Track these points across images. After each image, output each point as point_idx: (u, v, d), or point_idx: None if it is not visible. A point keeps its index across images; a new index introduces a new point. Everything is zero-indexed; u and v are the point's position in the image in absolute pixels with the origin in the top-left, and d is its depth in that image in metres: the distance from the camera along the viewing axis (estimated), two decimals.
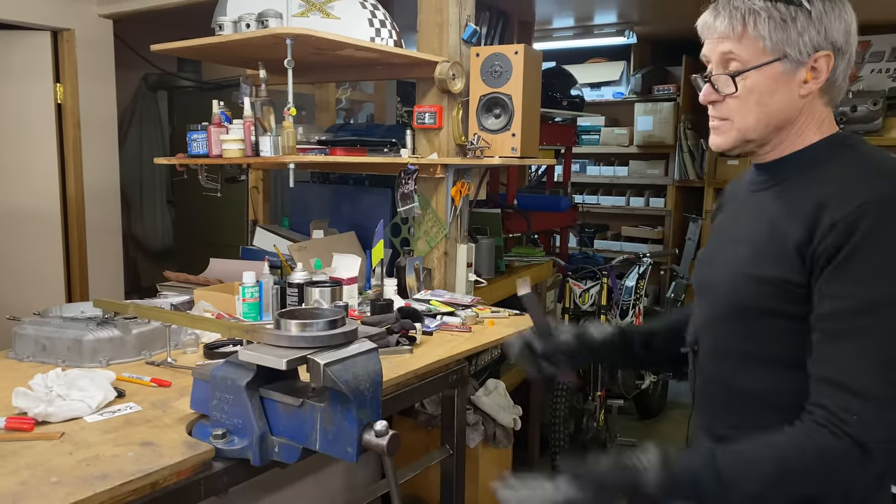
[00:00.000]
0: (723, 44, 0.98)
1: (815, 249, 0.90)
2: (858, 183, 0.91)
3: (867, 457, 0.84)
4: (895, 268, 0.86)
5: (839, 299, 0.89)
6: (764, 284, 0.96)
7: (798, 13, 0.94)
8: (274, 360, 1.11)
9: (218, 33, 2.04)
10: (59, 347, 1.65)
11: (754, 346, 0.99)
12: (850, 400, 0.86)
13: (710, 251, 1.14)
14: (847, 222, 0.88)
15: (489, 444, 2.40)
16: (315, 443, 1.17)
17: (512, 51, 2.32)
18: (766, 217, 1.00)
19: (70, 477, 1.08)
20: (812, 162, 0.99)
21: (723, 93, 1.00)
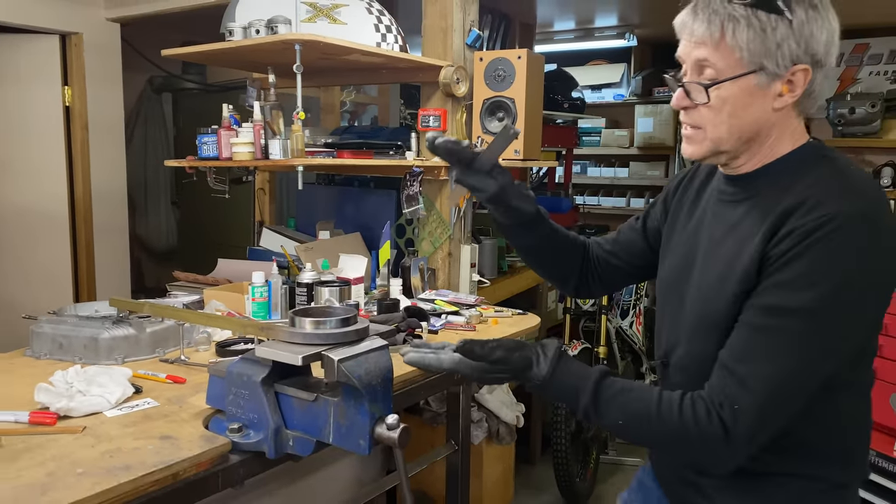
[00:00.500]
0: (699, 49, 0.94)
1: (769, 252, 0.91)
2: (826, 196, 0.89)
3: (726, 443, 0.89)
4: (828, 282, 0.86)
5: (766, 295, 0.90)
6: (730, 302, 0.95)
7: (779, 23, 0.90)
8: (290, 356, 1.15)
9: (228, 39, 2.09)
10: (75, 345, 1.70)
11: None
12: (735, 389, 0.89)
13: (678, 257, 1.12)
14: (804, 230, 0.87)
15: (493, 440, 2.45)
16: (328, 436, 1.21)
17: (515, 55, 2.37)
18: (738, 230, 0.99)
19: (95, 468, 1.12)
20: (784, 172, 0.97)
21: (695, 101, 0.97)
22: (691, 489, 1.08)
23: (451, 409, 1.96)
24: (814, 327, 0.88)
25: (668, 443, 0.96)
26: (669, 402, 0.94)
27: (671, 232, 1.17)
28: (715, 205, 1.07)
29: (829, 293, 0.87)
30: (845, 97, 4.33)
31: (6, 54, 3.33)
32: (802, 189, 0.92)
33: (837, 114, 4.31)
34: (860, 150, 4.50)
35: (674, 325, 1.09)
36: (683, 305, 1.06)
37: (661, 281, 1.16)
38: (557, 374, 0.97)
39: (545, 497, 3.04)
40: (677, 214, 1.16)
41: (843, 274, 0.87)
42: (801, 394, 0.91)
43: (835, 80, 4.57)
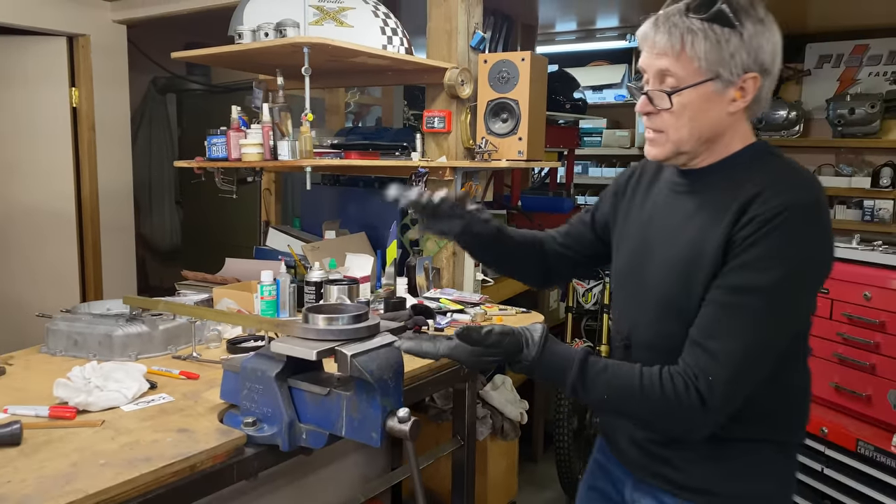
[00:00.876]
0: (661, 60, 1.03)
1: (734, 237, 1.01)
2: (782, 187, 1.00)
3: (703, 412, 1.00)
4: (785, 264, 0.97)
5: (730, 276, 1.00)
6: (699, 285, 1.04)
7: (731, 35, 0.99)
8: (305, 352, 1.19)
9: (237, 41, 2.12)
10: (90, 342, 1.73)
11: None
12: (708, 363, 0.99)
13: (634, 246, 1.20)
14: (765, 217, 0.98)
15: (497, 436, 2.48)
16: (341, 429, 1.25)
17: (519, 57, 2.41)
18: (698, 220, 1.08)
19: (116, 459, 1.16)
20: (737, 167, 1.08)
21: (658, 107, 1.05)
22: (658, 462, 1.16)
23: (456, 406, 2.00)
24: (773, 304, 0.99)
25: (650, 415, 1.05)
26: (650, 377, 1.03)
27: (625, 223, 1.25)
28: (668, 196, 1.17)
29: (785, 274, 0.98)
30: (845, 98, 4.37)
31: (15, 56, 3.37)
32: (758, 181, 1.02)
33: (837, 114, 4.35)
34: (860, 151, 4.53)
35: (634, 308, 1.18)
36: (644, 289, 1.15)
37: (617, 269, 1.25)
38: (546, 355, 1.05)
39: (548, 493, 3.07)
40: (630, 207, 1.25)
41: (796, 257, 0.99)
42: (765, 364, 1.02)
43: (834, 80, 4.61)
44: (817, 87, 4.64)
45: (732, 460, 1.11)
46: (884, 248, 2.00)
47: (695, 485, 1.13)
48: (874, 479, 1.84)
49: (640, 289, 1.16)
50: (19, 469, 1.12)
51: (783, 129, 4.65)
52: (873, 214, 4.29)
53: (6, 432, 1.19)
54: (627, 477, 1.24)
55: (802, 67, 4.68)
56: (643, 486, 1.20)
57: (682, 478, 1.13)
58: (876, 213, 4.28)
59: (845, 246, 2.08)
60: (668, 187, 1.18)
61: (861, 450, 1.87)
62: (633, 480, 1.23)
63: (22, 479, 1.08)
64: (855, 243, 2.10)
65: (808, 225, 0.99)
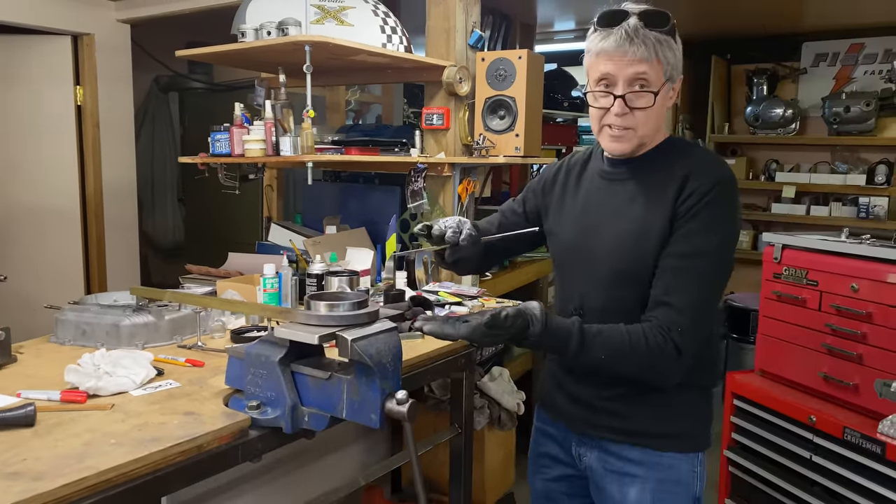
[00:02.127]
0: (637, 66, 1.21)
1: (678, 210, 1.23)
2: (709, 168, 1.25)
3: (679, 356, 1.20)
4: (717, 230, 1.22)
5: (680, 244, 1.22)
6: (650, 254, 1.24)
7: (676, 46, 1.24)
8: (307, 336, 1.24)
9: (241, 40, 2.17)
10: (98, 332, 1.78)
11: (639, 305, 1.26)
12: (676, 317, 1.20)
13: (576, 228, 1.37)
14: (702, 192, 1.21)
15: (494, 426, 2.53)
16: (342, 411, 1.30)
17: (516, 55, 2.46)
18: (641, 198, 1.28)
19: (126, 440, 1.21)
20: (663, 155, 1.31)
21: (634, 106, 1.23)
22: (603, 414, 1.35)
23: (454, 394, 2.05)
24: (716, 263, 1.23)
25: (638, 368, 1.23)
26: (636, 334, 1.21)
27: (560, 211, 1.44)
28: (601, 183, 1.37)
29: (722, 238, 1.23)
30: (840, 96, 4.42)
31: (20, 55, 3.42)
32: (687, 164, 1.26)
33: (833, 112, 4.40)
34: (855, 148, 4.58)
35: (585, 279, 1.35)
36: (594, 262, 1.33)
37: (561, 249, 1.43)
38: (549, 327, 1.19)
39: None
40: (563, 197, 1.44)
41: (728, 223, 1.24)
42: (713, 312, 1.26)
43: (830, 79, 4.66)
44: (813, 85, 4.69)
45: (666, 406, 1.31)
46: (871, 242, 2.05)
47: (633, 428, 1.32)
48: (861, 466, 1.89)
49: (589, 263, 1.33)
50: (34, 448, 1.17)
51: (779, 127, 4.70)
52: (868, 211, 4.33)
53: (21, 414, 1.24)
54: (570, 435, 1.42)
55: (798, 66, 4.73)
56: (586, 439, 1.40)
57: (622, 424, 1.33)
58: (871, 209, 4.33)
59: (834, 239, 2.13)
60: (599, 176, 1.38)
61: (848, 437, 1.91)
62: (576, 437, 1.41)
63: (37, 458, 1.14)
64: (843, 236, 2.15)
65: (732, 197, 1.25)
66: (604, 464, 1.37)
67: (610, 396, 1.34)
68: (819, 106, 4.54)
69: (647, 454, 1.32)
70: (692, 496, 1.34)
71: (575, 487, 1.46)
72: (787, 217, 4.66)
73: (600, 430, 1.36)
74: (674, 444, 1.32)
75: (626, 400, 1.33)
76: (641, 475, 1.33)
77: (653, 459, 1.32)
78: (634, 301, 1.28)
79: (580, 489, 1.45)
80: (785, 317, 2.21)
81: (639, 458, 1.33)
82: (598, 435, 1.36)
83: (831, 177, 4.55)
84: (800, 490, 2.07)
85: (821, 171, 4.66)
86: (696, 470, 1.35)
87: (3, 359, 1.60)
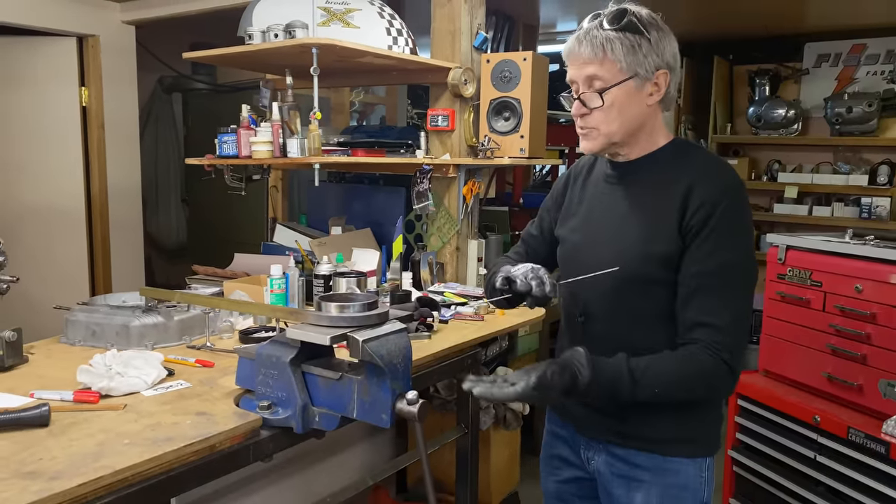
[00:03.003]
0: (588, 67, 1.22)
1: (689, 221, 1.21)
2: (714, 175, 1.23)
3: (730, 371, 1.21)
4: (738, 240, 1.21)
5: (705, 262, 1.20)
6: (654, 259, 1.24)
7: (642, 40, 1.21)
8: (318, 337, 1.25)
9: (248, 42, 2.18)
10: (107, 332, 1.80)
11: (646, 310, 1.27)
12: (721, 336, 1.20)
13: (579, 233, 1.37)
14: (713, 202, 1.20)
15: (500, 426, 2.55)
16: (353, 411, 1.31)
17: (521, 57, 2.47)
18: (644, 203, 1.28)
19: (140, 439, 1.22)
20: (667, 159, 1.29)
21: (590, 107, 1.24)
22: (612, 419, 1.33)
23: (460, 394, 2.06)
24: (745, 273, 1.23)
25: (691, 393, 1.25)
26: (687, 361, 1.21)
27: (567, 217, 1.44)
28: (605, 188, 1.36)
29: (745, 246, 1.24)
30: (843, 96, 4.42)
31: (25, 56, 3.43)
32: (691, 170, 1.25)
33: (835, 113, 4.40)
34: (858, 149, 4.59)
35: (591, 286, 1.31)
36: (598, 267, 1.30)
37: (566, 254, 1.42)
38: (598, 373, 1.17)
39: None
40: (570, 203, 1.44)
41: (746, 230, 1.24)
42: (750, 319, 1.26)
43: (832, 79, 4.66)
44: (815, 85, 4.69)
45: (673, 411, 1.29)
46: (875, 242, 2.06)
47: (639, 433, 1.31)
48: (865, 466, 1.90)
49: (593, 268, 1.31)
50: (49, 448, 1.19)
51: (781, 128, 4.70)
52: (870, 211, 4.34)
53: (35, 414, 1.26)
54: (580, 438, 1.42)
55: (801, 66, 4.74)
56: (594, 442, 1.39)
57: (628, 429, 1.32)
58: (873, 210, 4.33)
59: (838, 240, 2.14)
60: (603, 180, 1.37)
61: (852, 437, 1.92)
62: (585, 440, 1.41)
63: (52, 457, 1.15)
64: (847, 237, 2.16)
65: (744, 202, 1.24)
66: (611, 468, 1.37)
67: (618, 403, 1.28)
68: (821, 106, 4.54)
69: (653, 459, 1.32)
70: (699, 501, 1.33)
71: (585, 490, 1.46)
72: (789, 217, 4.66)
73: (607, 434, 1.36)
74: (681, 450, 1.31)
75: (633, 404, 1.28)
76: (648, 480, 1.32)
77: (659, 464, 1.31)
78: (638, 306, 1.28)
79: (590, 491, 1.45)
80: (789, 317, 2.22)
81: (645, 463, 1.32)
82: (605, 439, 1.36)
83: (833, 177, 4.55)
84: (804, 490, 2.08)
85: (823, 171, 4.66)
86: (703, 475, 1.33)
87: (15, 359, 1.61)
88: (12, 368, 1.61)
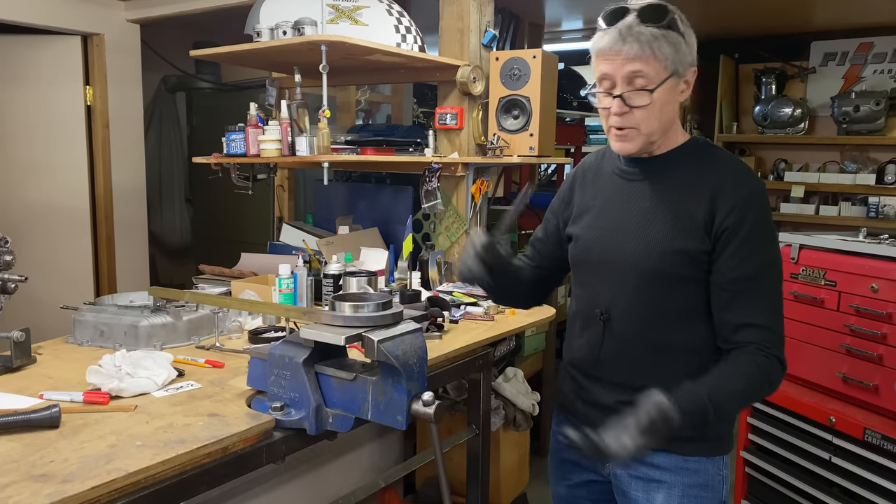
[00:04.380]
0: (632, 64, 1.19)
1: (720, 226, 1.21)
2: (740, 176, 1.24)
3: (783, 366, 1.23)
4: (768, 244, 1.24)
5: (743, 266, 1.21)
6: (679, 255, 1.24)
7: (680, 39, 1.20)
8: (333, 337, 1.23)
9: (256, 39, 2.17)
10: (116, 332, 1.78)
11: (669, 307, 1.27)
12: (769, 335, 1.22)
13: (597, 230, 1.35)
14: (741, 207, 1.21)
15: (510, 427, 2.53)
16: (367, 412, 1.29)
17: (530, 55, 2.45)
18: (668, 200, 1.26)
19: (152, 441, 1.20)
20: (688, 157, 1.28)
21: (633, 105, 1.21)
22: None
23: (471, 395, 2.04)
24: (778, 272, 1.26)
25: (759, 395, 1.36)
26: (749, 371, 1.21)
27: (579, 214, 1.41)
28: (621, 184, 1.34)
29: (773, 245, 1.25)
30: (850, 95, 4.40)
31: (30, 54, 3.42)
32: (717, 170, 1.25)
33: (842, 112, 4.38)
34: (865, 148, 4.56)
35: (612, 282, 1.32)
36: (621, 264, 1.30)
37: (583, 252, 1.38)
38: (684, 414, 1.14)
39: None
40: (583, 201, 1.41)
41: (773, 231, 1.26)
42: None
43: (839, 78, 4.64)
44: (822, 84, 4.67)
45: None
46: (890, 241, 2.04)
47: None
48: (881, 467, 1.88)
49: (614, 264, 1.31)
50: (60, 450, 1.17)
51: (788, 127, 4.68)
52: (878, 211, 4.32)
53: (46, 415, 1.24)
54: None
55: (807, 65, 4.71)
56: None
57: None
58: (881, 209, 4.31)
59: (852, 239, 2.12)
60: (617, 176, 1.35)
61: (868, 438, 1.90)
62: None
63: (64, 459, 1.13)
64: (862, 237, 2.14)
65: (768, 204, 1.26)
66: (629, 469, 1.34)
67: (634, 401, 1.25)
68: (828, 105, 4.52)
69: (673, 459, 1.30)
70: (720, 499, 1.33)
71: (598, 493, 1.44)
72: (795, 217, 4.64)
73: None
74: (701, 448, 1.30)
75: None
76: (668, 480, 1.31)
77: (679, 464, 1.30)
78: (661, 302, 1.27)
79: (604, 495, 1.43)
80: (802, 317, 2.20)
81: (665, 464, 1.31)
82: None
83: (840, 176, 4.53)
84: (818, 491, 2.05)
85: (830, 170, 4.64)
86: (721, 473, 1.33)
87: (23, 360, 1.59)
88: (21, 369, 1.59)
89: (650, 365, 1.29)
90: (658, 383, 1.22)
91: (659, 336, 1.28)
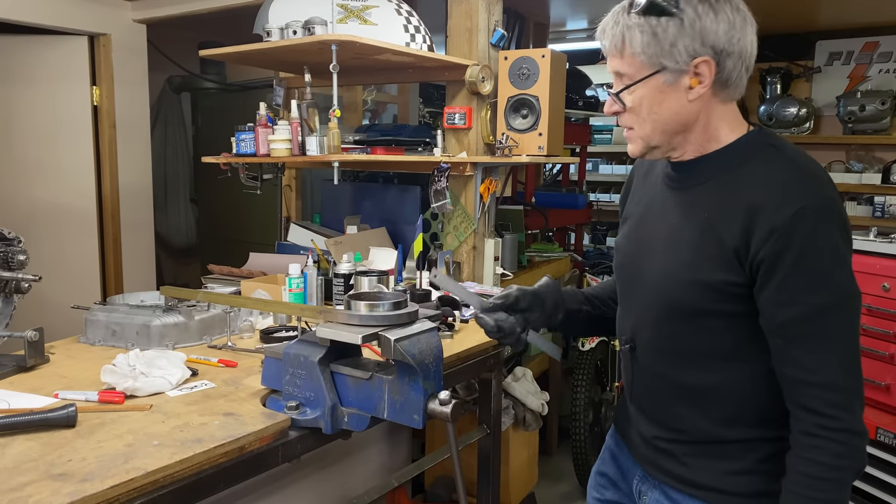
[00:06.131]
0: (612, 62, 1.05)
1: (756, 255, 0.97)
2: (791, 187, 0.97)
3: (862, 435, 0.98)
4: (833, 272, 0.96)
5: (794, 307, 0.97)
6: (705, 288, 1.02)
7: (669, 24, 0.98)
8: (350, 336, 1.23)
9: (266, 39, 2.17)
10: (128, 332, 1.78)
11: (695, 344, 1.07)
12: (832, 396, 0.97)
13: (633, 242, 1.19)
14: (784, 229, 0.95)
15: (519, 426, 2.52)
16: (383, 412, 1.29)
17: (539, 54, 2.45)
18: (697, 217, 1.05)
19: (169, 440, 1.20)
20: (735, 161, 1.04)
21: (612, 109, 1.08)
22: (663, 455, 1.16)
23: (482, 395, 2.04)
24: (845, 311, 0.98)
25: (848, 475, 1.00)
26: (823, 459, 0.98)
27: (625, 219, 1.26)
28: (663, 191, 1.15)
29: (839, 276, 0.97)
30: (855, 94, 4.39)
31: (36, 55, 3.42)
32: (759, 177, 1.00)
33: (847, 111, 4.38)
34: (870, 147, 4.56)
35: (636, 305, 1.17)
36: (644, 288, 1.13)
37: (618, 266, 1.24)
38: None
39: (563, 486, 3.12)
40: (630, 203, 1.26)
41: (837, 256, 0.96)
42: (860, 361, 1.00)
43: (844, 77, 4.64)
44: (827, 84, 4.66)
45: (734, 459, 1.09)
46: None
47: (695, 479, 1.12)
48: (894, 466, 1.88)
49: (639, 287, 1.15)
50: (78, 449, 1.17)
51: (793, 126, 4.68)
52: (884, 210, 4.31)
53: (63, 415, 1.24)
54: (636, 468, 1.25)
55: (812, 64, 4.71)
56: (650, 478, 1.21)
57: (684, 472, 1.14)
58: (887, 209, 4.31)
59: (863, 238, 2.12)
60: (662, 180, 1.16)
61: (881, 437, 1.90)
62: (641, 472, 1.24)
63: (82, 458, 1.13)
64: (872, 236, 2.14)
65: (828, 220, 0.96)
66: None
67: (671, 440, 1.15)
68: (833, 105, 4.52)
69: None
70: None
71: None
72: None
73: (662, 473, 1.17)
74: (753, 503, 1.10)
75: (689, 447, 1.13)
76: None
77: None
78: (686, 339, 1.08)
79: None
80: None
81: None
82: (661, 479, 1.18)
83: (846, 176, 4.52)
84: None
85: (835, 170, 4.64)
86: None
87: (37, 359, 1.60)
88: (34, 368, 1.59)
89: (674, 405, 1.13)
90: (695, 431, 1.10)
91: (682, 377, 1.11)
